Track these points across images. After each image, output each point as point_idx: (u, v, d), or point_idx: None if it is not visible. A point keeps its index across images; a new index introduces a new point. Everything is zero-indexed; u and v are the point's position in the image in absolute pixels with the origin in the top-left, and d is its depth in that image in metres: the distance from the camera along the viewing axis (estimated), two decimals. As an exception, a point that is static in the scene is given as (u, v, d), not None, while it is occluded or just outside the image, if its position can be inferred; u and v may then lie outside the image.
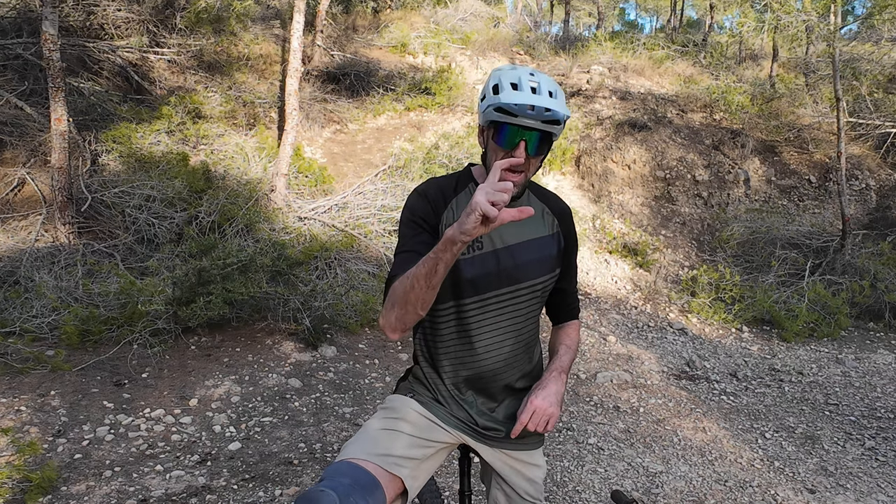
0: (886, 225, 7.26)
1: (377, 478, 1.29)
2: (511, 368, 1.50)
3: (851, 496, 3.08)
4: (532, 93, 1.30)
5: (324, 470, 1.32)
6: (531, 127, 1.31)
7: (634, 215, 7.74)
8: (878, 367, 4.99)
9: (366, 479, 1.27)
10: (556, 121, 1.31)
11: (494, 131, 1.36)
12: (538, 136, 1.33)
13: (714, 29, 13.94)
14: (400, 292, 1.26)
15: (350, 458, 1.32)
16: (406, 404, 1.51)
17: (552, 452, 3.39)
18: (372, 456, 1.33)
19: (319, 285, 4.83)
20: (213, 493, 2.71)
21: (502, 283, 1.43)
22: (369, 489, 1.25)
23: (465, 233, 1.10)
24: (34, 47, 5.75)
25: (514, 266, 1.44)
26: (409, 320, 1.29)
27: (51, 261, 4.50)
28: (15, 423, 3.03)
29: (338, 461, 1.32)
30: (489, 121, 1.36)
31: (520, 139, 1.32)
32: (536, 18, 20.75)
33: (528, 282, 1.45)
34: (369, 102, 8.26)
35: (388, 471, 1.32)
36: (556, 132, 1.35)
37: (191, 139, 6.30)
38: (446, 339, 1.49)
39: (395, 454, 1.37)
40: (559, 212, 1.55)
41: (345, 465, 1.29)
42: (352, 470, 1.28)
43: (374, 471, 1.30)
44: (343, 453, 1.35)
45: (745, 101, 8.94)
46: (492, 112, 1.33)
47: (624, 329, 5.80)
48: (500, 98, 1.30)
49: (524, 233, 1.47)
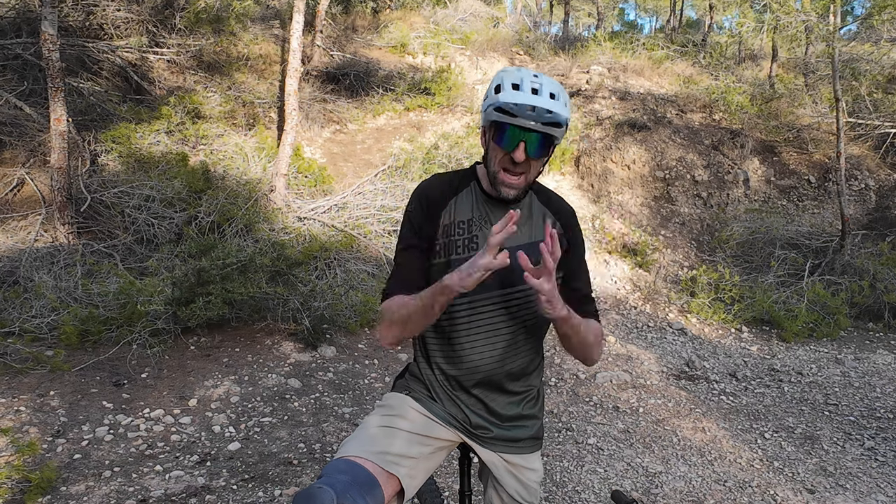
0: (886, 225, 7.26)
1: (375, 476, 1.29)
2: (503, 372, 1.48)
3: (851, 496, 3.09)
4: (533, 94, 1.30)
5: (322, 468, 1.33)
6: (531, 128, 1.30)
7: (634, 215, 7.74)
8: (877, 368, 4.99)
9: (364, 476, 1.27)
10: (556, 123, 1.31)
11: (495, 131, 1.36)
12: (539, 138, 1.33)
13: (713, 29, 13.94)
14: (398, 318, 1.37)
15: (348, 456, 1.32)
16: (403, 402, 1.51)
17: (551, 453, 3.39)
18: (370, 454, 1.33)
19: (319, 285, 4.83)
20: (212, 493, 2.71)
21: (498, 286, 1.43)
22: (367, 487, 1.25)
23: (464, 287, 1.23)
24: (33, 47, 5.74)
25: (510, 269, 1.40)
26: (407, 338, 1.43)
27: (50, 261, 4.49)
28: (14, 423, 3.03)
29: (336, 458, 1.32)
30: (490, 121, 1.36)
31: (520, 140, 1.32)
32: (536, 18, 20.75)
33: (523, 285, 1.43)
34: (369, 102, 8.26)
35: (386, 469, 1.32)
36: (558, 135, 1.34)
37: (190, 139, 6.30)
38: (441, 338, 1.50)
39: (393, 452, 1.37)
40: (561, 214, 1.53)
41: (343, 462, 1.30)
42: (350, 467, 1.28)
43: (373, 469, 1.30)
44: (341, 451, 1.35)
45: (745, 101, 8.94)
46: (492, 112, 1.33)
47: (623, 329, 5.80)
48: (500, 98, 1.30)
49: (522, 236, 1.46)
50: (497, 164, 1.39)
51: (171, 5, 6.92)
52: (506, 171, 1.38)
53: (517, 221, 1.21)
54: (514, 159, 1.34)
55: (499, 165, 1.38)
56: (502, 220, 1.20)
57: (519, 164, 1.35)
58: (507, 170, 1.38)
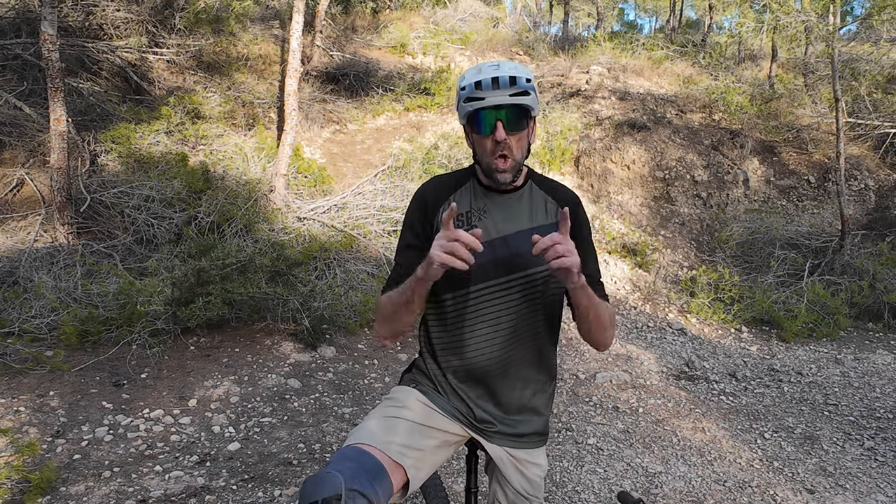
0: (885, 225, 7.26)
1: (383, 464, 1.30)
2: (507, 362, 1.48)
3: (850, 496, 3.09)
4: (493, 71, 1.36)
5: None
6: (502, 104, 1.34)
7: (633, 215, 7.74)
8: (877, 368, 4.99)
9: (371, 464, 1.28)
10: (524, 91, 1.35)
11: (473, 125, 1.40)
12: (513, 111, 1.36)
13: (713, 29, 13.95)
14: (388, 312, 1.44)
15: (356, 444, 1.33)
16: (409, 394, 1.52)
17: (551, 453, 3.39)
18: (377, 442, 1.34)
19: (319, 286, 4.83)
20: (212, 493, 2.71)
21: (498, 274, 1.43)
22: (375, 474, 1.26)
23: (429, 277, 1.29)
24: (33, 47, 5.74)
25: (510, 255, 1.43)
26: (399, 333, 1.49)
27: (50, 261, 4.49)
28: (14, 423, 3.02)
29: (345, 446, 1.33)
30: (466, 116, 1.40)
31: (495, 119, 1.35)
32: (536, 19, 20.76)
33: (523, 271, 1.43)
34: (368, 103, 8.26)
35: (393, 459, 1.33)
36: (529, 103, 1.37)
37: (190, 139, 6.30)
38: (444, 329, 1.51)
39: (398, 441, 1.38)
40: (563, 199, 1.52)
41: (351, 450, 1.31)
42: (358, 454, 1.29)
43: (380, 457, 1.31)
44: (350, 439, 1.37)
45: (745, 101, 8.94)
46: (464, 106, 1.38)
47: (623, 329, 5.80)
48: (465, 90, 1.37)
49: (523, 222, 1.47)
50: (486, 154, 1.41)
51: (170, 5, 6.92)
52: (495, 156, 1.40)
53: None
54: (496, 139, 1.36)
55: (488, 154, 1.40)
56: (445, 214, 1.25)
57: (504, 145, 1.38)
58: (495, 154, 1.39)
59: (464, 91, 1.37)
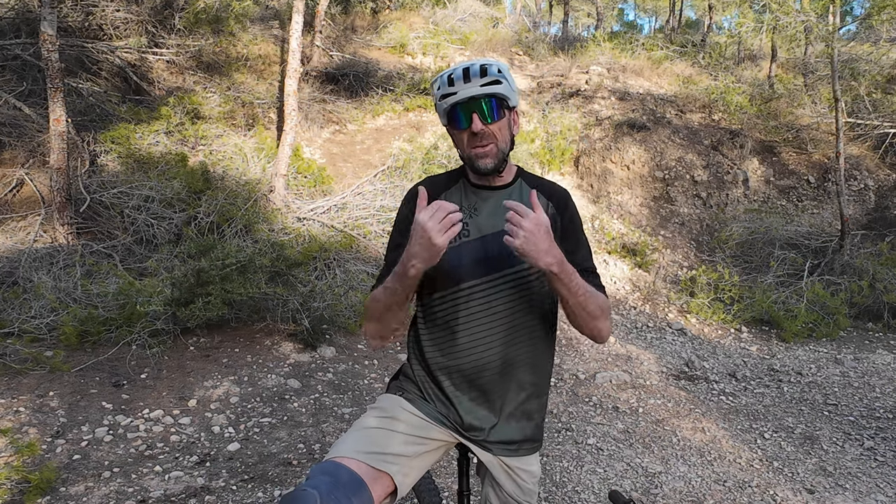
0: (885, 225, 7.26)
1: (361, 476, 1.28)
2: (503, 363, 1.44)
3: (850, 496, 3.09)
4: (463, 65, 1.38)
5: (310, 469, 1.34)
6: (475, 95, 1.35)
7: (633, 215, 7.74)
8: (876, 368, 4.99)
9: (348, 477, 1.27)
10: (495, 80, 1.36)
11: (451, 122, 1.41)
12: (488, 101, 1.37)
13: (713, 29, 13.96)
14: (376, 311, 1.41)
15: (335, 458, 1.32)
16: (396, 403, 1.50)
17: (551, 453, 3.39)
18: (361, 454, 1.33)
19: (318, 286, 4.83)
20: (211, 493, 2.71)
21: (489, 270, 1.42)
22: (352, 487, 1.25)
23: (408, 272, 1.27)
24: (33, 48, 5.74)
25: (501, 252, 1.41)
26: (386, 333, 1.45)
27: (49, 261, 4.49)
28: (14, 423, 3.02)
29: (324, 461, 1.32)
30: (445, 114, 1.41)
31: (471, 112, 1.36)
32: (535, 19, 20.77)
33: (514, 268, 1.42)
34: (368, 103, 8.26)
35: (377, 468, 1.32)
36: (504, 91, 1.37)
37: (189, 140, 6.30)
38: (434, 331, 1.49)
39: (382, 451, 1.36)
40: (552, 194, 1.51)
41: (330, 464, 1.30)
42: (334, 468, 1.28)
43: (359, 468, 1.30)
44: (331, 452, 1.35)
45: (744, 101, 8.95)
46: (441, 105, 1.39)
47: (623, 329, 5.80)
48: (439, 88, 1.39)
49: None
50: (465, 148, 1.42)
51: (170, 5, 6.92)
52: (474, 147, 1.41)
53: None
54: (473, 131, 1.37)
55: (468, 147, 1.41)
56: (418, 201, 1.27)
57: (483, 136, 1.38)
58: (474, 144, 1.40)
59: (438, 90, 1.39)
